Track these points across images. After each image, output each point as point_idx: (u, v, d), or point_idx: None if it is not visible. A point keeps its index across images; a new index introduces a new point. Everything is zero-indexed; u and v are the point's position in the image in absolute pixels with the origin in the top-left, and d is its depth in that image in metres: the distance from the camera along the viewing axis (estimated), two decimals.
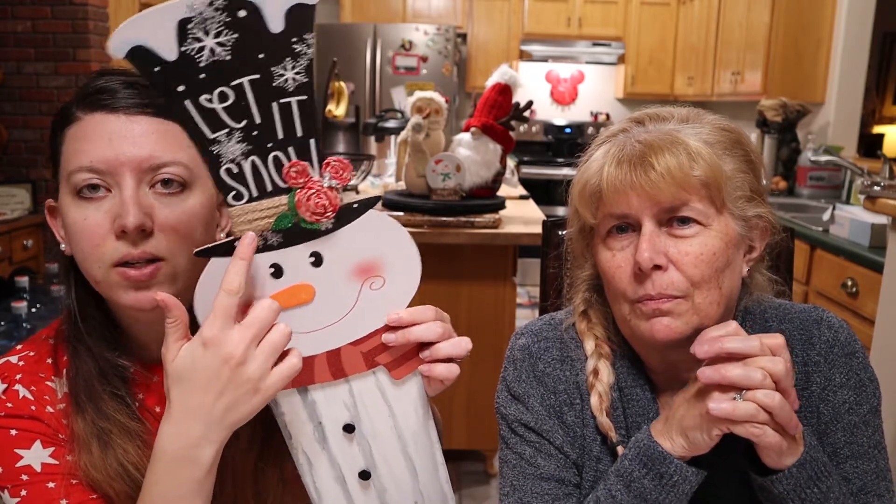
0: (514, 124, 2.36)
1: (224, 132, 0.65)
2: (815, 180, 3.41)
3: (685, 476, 0.73)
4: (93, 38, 3.62)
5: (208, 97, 0.64)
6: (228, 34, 0.62)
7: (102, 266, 0.74)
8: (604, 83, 5.97)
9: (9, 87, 3.58)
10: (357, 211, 0.70)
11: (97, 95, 0.75)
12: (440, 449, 0.80)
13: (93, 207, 0.74)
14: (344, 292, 0.72)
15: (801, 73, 3.77)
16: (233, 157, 0.66)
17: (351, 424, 0.76)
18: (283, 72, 0.64)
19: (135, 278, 0.74)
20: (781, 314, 0.85)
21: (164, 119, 0.75)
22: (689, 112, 0.82)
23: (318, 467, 0.76)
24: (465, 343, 0.75)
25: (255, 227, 0.68)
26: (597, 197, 0.79)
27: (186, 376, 0.66)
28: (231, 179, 0.67)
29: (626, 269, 0.78)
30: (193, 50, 0.62)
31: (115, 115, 0.74)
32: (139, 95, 0.75)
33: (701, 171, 0.74)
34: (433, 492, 0.81)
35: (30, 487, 0.73)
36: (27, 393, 0.77)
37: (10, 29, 3.55)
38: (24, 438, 0.75)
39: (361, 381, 0.75)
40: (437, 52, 5.18)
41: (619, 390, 0.85)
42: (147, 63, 0.62)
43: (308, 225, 0.69)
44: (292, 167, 0.68)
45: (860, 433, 0.81)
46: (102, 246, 0.73)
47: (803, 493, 0.72)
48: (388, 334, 0.73)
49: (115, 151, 0.73)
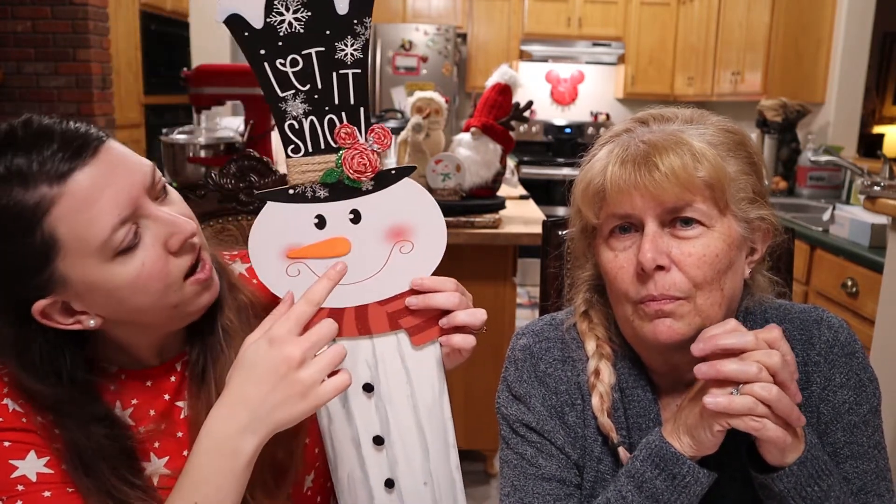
0: (514, 124, 2.36)
1: (291, 92, 0.76)
2: (815, 180, 3.41)
3: (697, 477, 0.73)
4: (93, 38, 3.62)
5: (282, 61, 0.75)
6: (303, 11, 0.74)
7: (176, 285, 0.75)
8: (604, 83, 5.97)
9: (9, 87, 3.58)
10: (395, 177, 0.78)
11: (52, 164, 0.68)
12: (453, 432, 0.83)
13: (138, 255, 0.72)
14: (376, 251, 0.79)
15: (801, 73, 3.77)
16: (295, 114, 0.76)
17: (370, 384, 0.82)
18: (344, 47, 0.75)
19: (207, 277, 0.78)
20: (782, 314, 0.85)
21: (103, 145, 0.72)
22: (693, 113, 0.82)
23: (336, 424, 0.82)
24: (480, 313, 0.80)
25: (306, 178, 0.78)
26: (600, 197, 0.79)
27: (248, 366, 0.71)
28: (292, 134, 0.77)
29: (628, 269, 0.78)
30: (275, 21, 0.73)
31: (82, 169, 0.69)
32: (64, 146, 0.70)
33: (705, 171, 0.74)
34: (443, 475, 0.84)
35: (25, 497, 0.72)
36: (16, 406, 0.75)
37: (10, 29, 3.55)
38: (17, 449, 0.74)
39: (383, 342, 0.81)
40: (437, 52, 5.18)
41: (621, 391, 0.85)
42: (239, 28, 0.73)
43: (350, 182, 0.78)
44: (343, 129, 0.77)
45: (860, 433, 0.81)
46: (170, 273, 0.74)
47: (804, 491, 0.72)
48: (411, 298, 0.80)
49: (137, 194, 0.73)
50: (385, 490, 0.84)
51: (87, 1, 3.56)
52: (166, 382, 0.84)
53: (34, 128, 0.70)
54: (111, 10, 3.82)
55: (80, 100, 3.61)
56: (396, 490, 0.84)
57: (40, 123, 0.71)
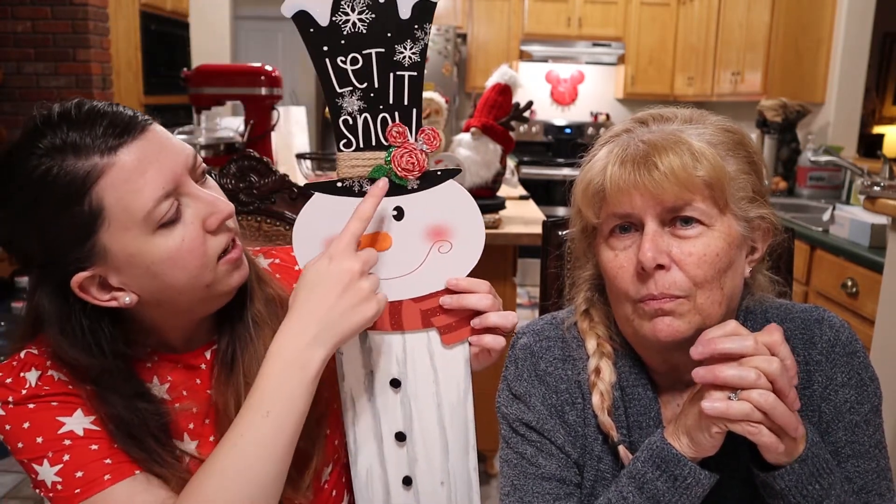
0: (514, 124, 2.36)
1: (348, 89, 0.78)
2: (815, 180, 3.41)
3: (698, 478, 0.74)
4: (93, 39, 3.62)
5: (343, 59, 0.77)
6: (368, 13, 0.76)
7: (211, 264, 0.77)
8: (604, 83, 5.97)
9: (9, 87, 3.58)
10: (440, 178, 0.81)
11: (103, 139, 0.72)
12: (474, 434, 0.85)
13: (178, 230, 0.75)
14: (416, 249, 0.81)
15: (801, 73, 3.77)
16: (350, 110, 0.79)
17: (398, 380, 0.83)
18: (403, 50, 0.77)
19: (238, 257, 0.80)
20: (783, 314, 0.85)
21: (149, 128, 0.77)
22: (692, 113, 0.82)
23: (361, 417, 0.84)
24: (512, 316, 0.82)
25: (355, 172, 0.80)
26: (600, 196, 0.80)
27: (311, 283, 0.74)
28: (346, 129, 0.79)
29: (628, 268, 0.78)
30: (340, 21, 0.76)
31: (130, 144, 0.73)
32: (114, 125, 0.73)
33: (704, 171, 0.74)
34: (460, 475, 0.85)
35: (73, 451, 0.75)
36: (61, 375, 0.79)
37: (10, 29, 3.55)
38: (64, 408, 0.77)
39: (414, 339, 0.83)
40: (437, 52, 5.18)
41: (621, 389, 0.85)
42: (305, 24, 0.76)
43: (397, 180, 0.80)
44: (395, 127, 0.79)
45: (861, 432, 0.81)
46: (207, 251, 0.76)
47: (805, 490, 0.72)
48: (445, 297, 0.82)
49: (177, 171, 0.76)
50: (402, 487, 0.85)
51: (87, 1, 3.56)
52: (197, 368, 0.86)
53: (86, 108, 0.74)
54: (111, 10, 3.82)
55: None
56: (413, 488, 0.85)
57: (91, 105, 0.75)
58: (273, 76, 2.93)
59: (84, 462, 0.75)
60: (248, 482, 0.72)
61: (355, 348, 0.83)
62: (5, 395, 0.77)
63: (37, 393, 0.77)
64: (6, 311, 2.79)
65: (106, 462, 0.75)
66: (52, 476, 0.74)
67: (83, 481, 0.74)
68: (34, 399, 0.77)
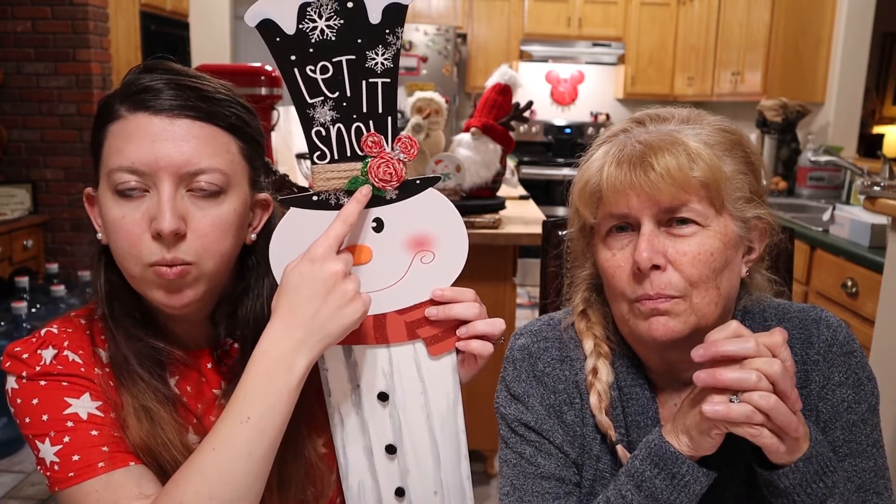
0: (514, 124, 2.36)
1: (319, 99, 0.76)
2: (815, 180, 3.41)
3: (696, 477, 0.74)
4: (93, 39, 3.62)
5: (312, 68, 0.74)
6: (336, 19, 0.73)
7: (139, 264, 0.76)
8: (604, 83, 5.97)
9: (9, 87, 3.58)
10: (419, 187, 0.78)
11: (142, 95, 0.76)
12: (465, 442, 0.84)
13: (131, 206, 0.76)
14: (397, 260, 0.79)
15: (801, 73, 3.77)
16: (323, 121, 0.76)
17: (385, 393, 0.82)
18: (375, 56, 0.75)
19: (168, 277, 0.76)
20: (781, 314, 0.85)
21: (206, 123, 0.77)
22: (689, 113, 0.82)
23: (350, 432, 0.83)
24: (499, 323, 0.81)
25: (330, 185, 0.77)
26: (597, 197, 0.80)
27: (295, 287, 0.73)
28: (319, 141, 0.77)
29: (625, 268, 0.78)
30: (308, 28, 0.73)
31: (158, 116, 0.75)
32: (182, 97, 0.76)
33: (700, 171, 0.74)
34: (453, 485, 0.84)
35: (73, 433, 0.76)
36: (76, 357, 0.80)
37: (10, 29, 3.55)
38: (74, 389, 0.78)
39: (400, 352, 0.81)
40: (437, 52, 5.18)
41: (619, 389, 0.85)
42: (271, 33, 0.73)
43: (375, 191, 0.77)
44: (370, 137, 0.77)
45: (859, 431, 0.81)
46: (139, 245, 0.76)
47: (809, 488, 0.72)
48: (430, 308, 0.80)
49: (155, 154, 0.75)
50: (395, 499, 0.84)
51: (87, 1, 3.56)
52: (203, 367, 0.87)
53: (174, 70, 0.79)
54: (111, 10, 3.82)
55: (80, 100, 3.60)
56: (406, 499, 0.84)
57: (183, 73, 0.79)
58: (273, 76, 2.93)
59: (82, 446, 0.76)
60: (226, 485, 0.71)
61: (340, 363, 0.81)
62: (20, 370, 0.79)
63: (49, 371, 0.78)
64: (6, 311, 2.79)
65: (103, 449, 0.76)
66: (52, 455, 0.76)
67: (78, 465, 0.75)
68: (46, 376, 0.78)
